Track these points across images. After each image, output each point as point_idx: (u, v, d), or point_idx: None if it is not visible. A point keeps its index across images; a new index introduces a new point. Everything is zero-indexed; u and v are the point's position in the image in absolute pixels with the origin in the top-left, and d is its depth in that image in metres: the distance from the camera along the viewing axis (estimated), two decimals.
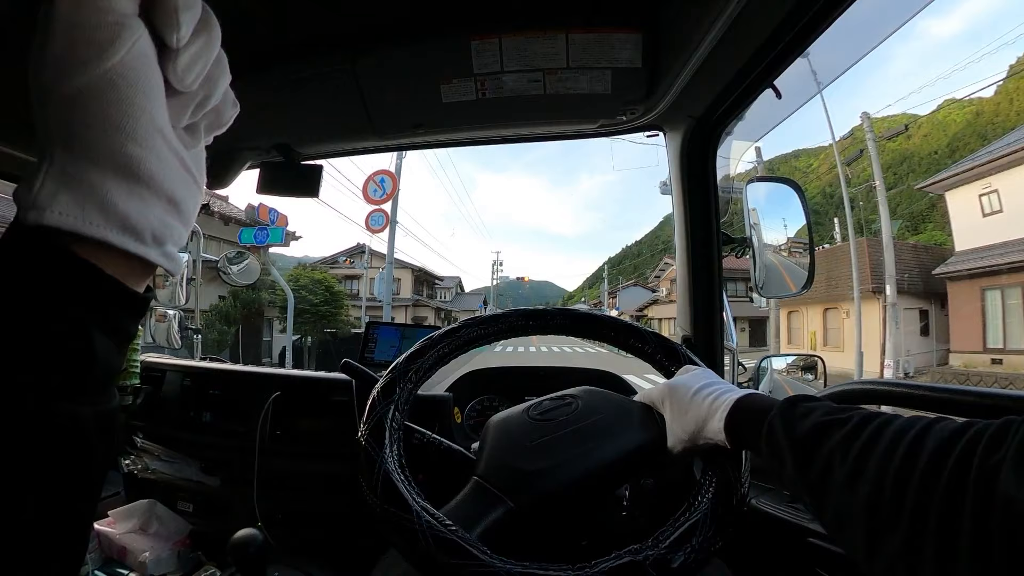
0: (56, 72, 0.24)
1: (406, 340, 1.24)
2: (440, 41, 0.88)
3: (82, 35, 0.24)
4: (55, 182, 0.24)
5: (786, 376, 1.12)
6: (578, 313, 0.79)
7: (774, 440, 0.46)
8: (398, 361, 0.67)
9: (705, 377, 0.62)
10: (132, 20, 0.25)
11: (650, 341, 0.72)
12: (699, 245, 1.09)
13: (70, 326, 0.24)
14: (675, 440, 0.59)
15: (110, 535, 1.20)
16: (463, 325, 0.72)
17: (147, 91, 0.26)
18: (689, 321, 1.10)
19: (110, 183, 0.25)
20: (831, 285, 16.08)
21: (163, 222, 0.27)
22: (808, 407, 0.46)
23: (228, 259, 2.31)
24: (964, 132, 34.73)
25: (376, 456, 0.56)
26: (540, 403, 0.67)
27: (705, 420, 0.56)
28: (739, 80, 0.87)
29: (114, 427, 0.29)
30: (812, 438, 0.43)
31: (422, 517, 0.49)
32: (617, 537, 0.54)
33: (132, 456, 1.37)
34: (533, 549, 0.52)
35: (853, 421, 0.41)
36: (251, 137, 1.17)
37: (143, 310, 0.29)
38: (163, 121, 0.27)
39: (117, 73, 0.25)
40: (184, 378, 1.34)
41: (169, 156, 0.27)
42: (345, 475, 1.10)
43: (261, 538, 0.94)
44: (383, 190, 12.46)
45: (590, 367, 1.39)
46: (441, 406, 0.98)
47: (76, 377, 0.25)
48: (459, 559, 0.46)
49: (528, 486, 0.56)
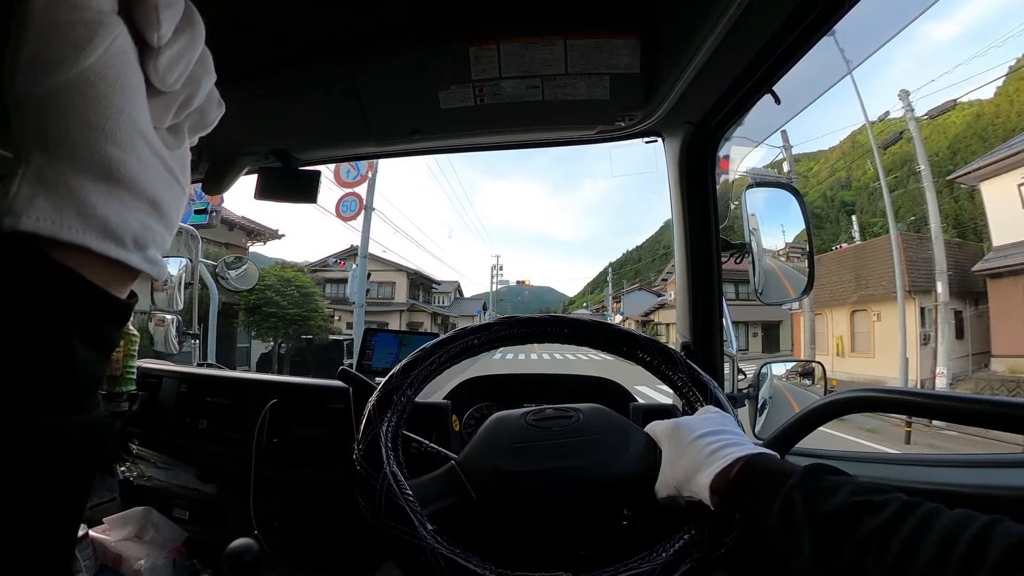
0: (31, 72, 0.23)
1: (404, 347, 1.24)
2: (438, 47, 0.88)
3: (58, 33, 0.23)
4: (31, 186, 0.23)
5: (786, 382, 1.12)
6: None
7: (791, 515, 0.40)
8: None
9: (718, 424, 0.56)
10: (110, 17, 0.24)
11: (682, 369, 0.69)
12: (698, 251, 1.09)
13: (49, 335, 0.24)
14: (663, 484, 0.55)
15: (105, 542, 1.19)
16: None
17: (127, 91, 0.25)
18: (689, 327, 1.09)
19: (89, 186, 0.24)
20: (860, 285, 14.71)
21: (145, 226, 0.27)
22: (834, 481, 0.41)
23: (227, 264, 2.30)
24: (964, 134, 34.76)
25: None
26: (542, 410, 0.67)
27: (695, 471, 0.50)
28: (738, 86, 0.87)
29: (100, 436, 0.28)
30: (841, 521, 0.37)
31: (387, 480, 0.54)
32: (616, 548, 0.54)
33: (128, 463, 1.36)
34: (502, 547, 0.55)
35: (892, 507, 0.36)
36: (249, 142, 1.17)
37: (126, 317, 0.28)
38: (144, 122, 0.26)
39: (95, 72, 0.24)
40: (180, 384, 1.33)
41: (150, 158, 0.27)
42: (342, 483, 1.09)
43: (257, 547, 0.94)
44: (357, 171, 11.30)
45: (592, 375, 1.38)
46: (439, 414, 0.98)
47: (56, 387, 0.24)
48: (398, 524, 0.51)
49: (496, 484, 0.58)
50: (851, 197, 47.92)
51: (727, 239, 1.10)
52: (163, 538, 1.22)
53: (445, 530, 0.52)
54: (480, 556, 0.50)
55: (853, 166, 44.92)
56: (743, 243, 1.08)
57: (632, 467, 0.59)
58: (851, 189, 48.60)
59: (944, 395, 0.63)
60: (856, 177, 46.97)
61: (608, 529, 0.61)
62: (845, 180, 49.77)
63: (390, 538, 0.51)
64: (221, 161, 1.21)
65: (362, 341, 1.28)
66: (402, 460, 0.60)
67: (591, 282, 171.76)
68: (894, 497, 0.37)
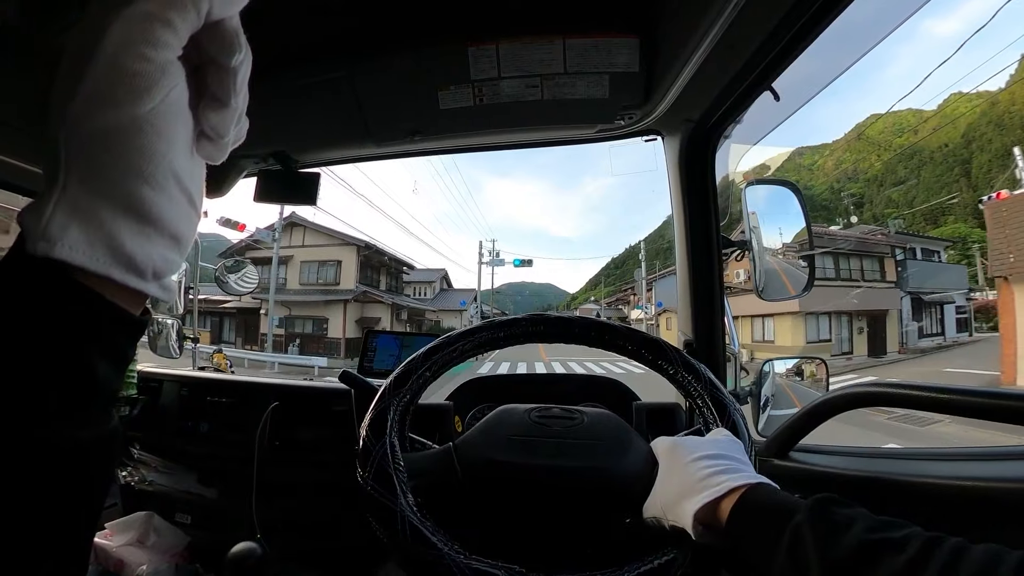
0: (86, 107, 0.24)
1: (406, 349, 1.24)
2: (437, 48, 0.88)
3: (121, 78, 0.24)
4: (66, 215, 0.24)
5: (788, 379, 1.12)
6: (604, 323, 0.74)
7: (800, 554, 0.37)
8: (414, 357, 0.68)
9: (723, 448, 0.52)
10: (172, 67, 0.26)
11: (705, 385, 0.66)
12: (699, 248, 1.09)
13: (71, 351, 0.24)
14: (651, 503, 0.52)
15: (107, 548, 1.18)
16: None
17: (171, 139, 0.26)
18: (691, 325, 1.09)
19: (120, 222, 0.25)
20: None
21: (164, 259, 0.28)
22: (846, 515, 0.38)
23: (226, 268, 2.29)
24: (979, 122, 34.82)
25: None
26: (549, 408, 0.68)
27: (682, 496, 0.47)
28: (737, 83, 0.87)
29: (114, 449, 0.29)
30: (858, 561, 0.34)
31: (384, 448, 0.56)
32: (621, 547, 0.54)
33: (129, 467, 1.36)
34: (479, 533, 0.57)
35: (914, 545, 0.33)
36: (249, 145, 1.15)
37: (141, 332, 0.29)
38: (180, 163, 0.27)
39: (147, 121, 0.25)
40: (181, 388, 1.33)
41: (179, 196, 0.28)
42: (345, 485, 1.09)
43: (260, 550, 0.93)
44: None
45: (594, 375, 1.38)
46: (442, 415, 0.98)
47: (78, 401, 0.25)
48: (383, 489, 0.53)
49: (484, 470, 0.59)
50: (859, 189, 47.92)
51: (727, 236, 1.10)
52: (165, 543, 1.22)
53: (432, 507, 0.54)
54: (450, 535, 0.51)
55: (860, 159, 45.00)
56: (744, 240, 1.08)
57: (624, 479, 0.57)
58: (859, 182, 48.62)
59: (954, 388, 0.61)
60: (863, 170, 46.98)
61: (589, 535, 0.60)
62: (852, 172, 49.79)
63: (372, 501, 0.53)
64: (221, 165, 1.21)
65: (363, 343, 1.27)
66: (405, 435, 0.62)
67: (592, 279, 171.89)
68: (914, 533, 0.34)
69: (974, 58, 19.40)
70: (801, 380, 1.09)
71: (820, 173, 52.81)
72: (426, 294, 32.76)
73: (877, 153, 49.76)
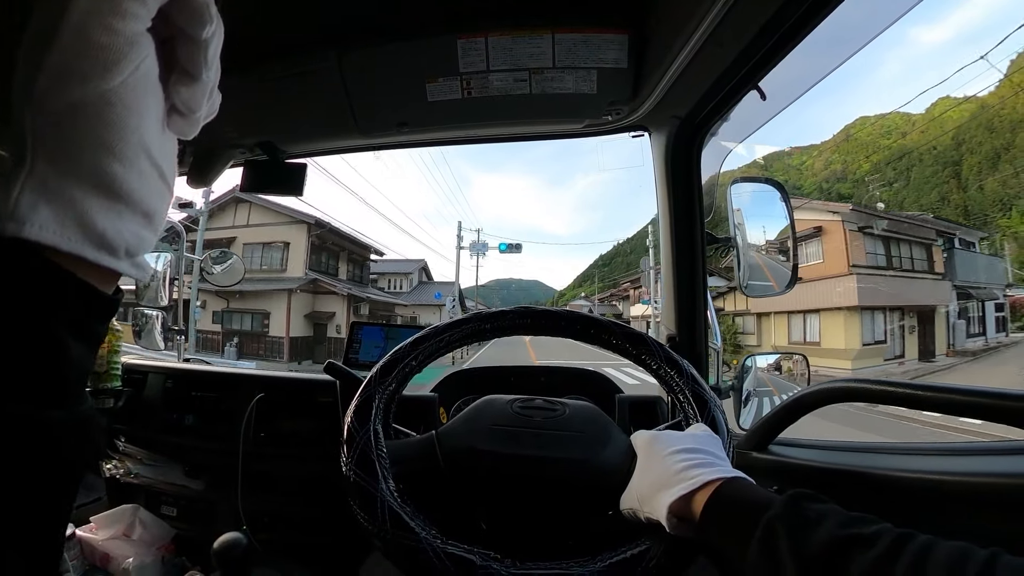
0: (53, 82, 0.23)
1: (391, 340, 1.24)
2: (426, 40, 0.88)
3: (88, 51, 0.23)
4: (35, 193, 0.23)
5: (769, 374, 1.14)
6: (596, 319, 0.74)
7: (772, 548, 0.37)
8: (402, 345, 0.68)
9: (701, 442, 0.52)
10: (142, 38, 0.25)
11: (687, 380, 0.67)
12: (683, 244, 1.10)
13: (41, 329, 0.24)
14: (628, 496, 0.53)
15: (92, 541, 1.17)
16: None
17: (142, 112, 0.26)
18: (674, 320, 1.11)
19: (91, 200, 0.25)
20: None
21: (137, 236, 0.27)
22: (818, 510, 0.38)
23: (212, 259, 2.27)
24: (969, 125, 35.38)
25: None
26: (532, 399, 0.69)
27: (658, 489, 0.48)
28: (724, 81, 0.88)
29: (90, 430, 0.28)
30: (829, 556, 0.34)
31: (368, 435, 0.57)
32: (601, 538, 0.55)
33: (114, 460, 1.35)
34: (459, 520, 0.59)
35: (884, 541, 0.34)
36: (235, 135, 1.15)
37: (113, 311, 0.29)
38: (151, 138, 0.27)
39: (116, 94, 0.24)
40: (166, 380, 1.31)
41: (150, 171, 0.27)
42: (330, 477, 1.09)
43: (245, 541, 0.93)
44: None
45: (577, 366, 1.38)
46: (426, 406, 0.98)
47: (47, 380, 0.25)
48: (365, 475, 0.54)
49: (465, 458, 0.60)
50: (848, 190, 48.37)
51: (712, 233, 1.11)
52: (151, 536, 1.21)
53: (414, 494, 0.55)
54: (429, 521, 0.52)
55: (848, 159, 45.47)
56: (728, 237, 1.09)
57: (603, 471, 0.58)
58: (847, 182, 49.10)
59: (933, 386, 0.62)
60: (852, 170, 47.51)
61: (568, 526, 0.61)
62: (840, 173, 50.29)
63: (355, 486, 0.54)
64: (207, 154, 1.20)
65: (348, 335, 1.27)
66: (390, 424, 0.64)
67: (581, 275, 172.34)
68: (884, 529, 0.35)
69: (963, 62, 19.62)
70: (780, 375, 1.11)
71: (808, 173, 53.41)
72: (402, 286, 30.27)
73: (866, 154, 50.36)
